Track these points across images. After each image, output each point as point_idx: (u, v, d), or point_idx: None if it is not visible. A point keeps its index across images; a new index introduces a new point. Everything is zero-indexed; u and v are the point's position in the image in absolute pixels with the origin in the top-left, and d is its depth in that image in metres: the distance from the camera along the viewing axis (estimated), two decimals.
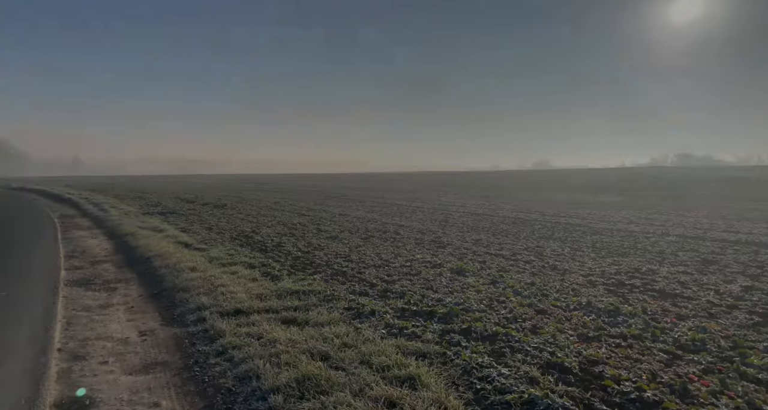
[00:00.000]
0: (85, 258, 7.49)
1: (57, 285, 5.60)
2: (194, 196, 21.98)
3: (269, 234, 10.08)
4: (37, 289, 5.36)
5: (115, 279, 6.11)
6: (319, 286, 5.33)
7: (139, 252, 7.67)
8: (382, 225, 12.30)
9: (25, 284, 5.57)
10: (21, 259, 7.10)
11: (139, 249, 7.96)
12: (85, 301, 5.05)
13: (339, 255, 7.63)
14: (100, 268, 6.76)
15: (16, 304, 4.75)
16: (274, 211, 15.88)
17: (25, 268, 6.44)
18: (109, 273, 6.44)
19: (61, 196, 21.32)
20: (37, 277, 5.94)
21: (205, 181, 56.50)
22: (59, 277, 6.01)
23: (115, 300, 5.12)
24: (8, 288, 5.36)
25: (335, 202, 21.71)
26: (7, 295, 5.05)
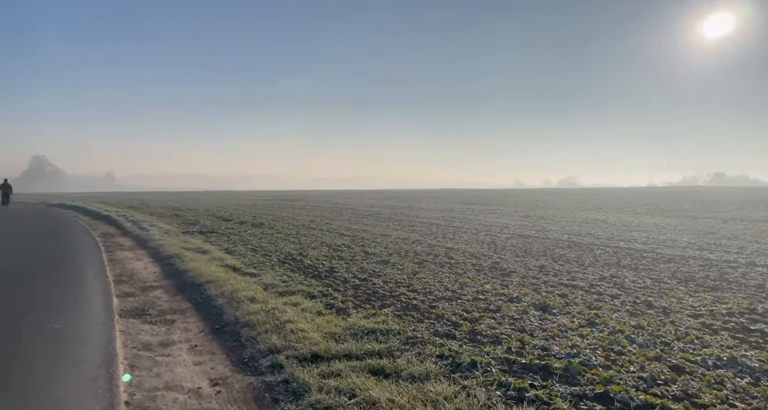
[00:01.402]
0: (134, 283, 7.16)
1: (111, 315, 5.22)
2: (229, 213, 21.88)
3: (317, 257, 9.62)
4: (91, 320, 4.98)
5: (170, 309, 5.70)
6: (394, 324, 4.78)
7: (190, 278, 7.30)
8: (430, 247, 11.72)
9: (79, 314, 5.20)
10: (70, 284, 6.80)
11: (188, 273, 7.60)
12: (143, 337, 4.62)
13: (400, 283, 7.08)
14: (152, 296, 6.38)
15: (72, 340, 4.35)
16: (312, 231, 15.50)
17: (76, 294, 6.11)
18: (163, 302, 6.04)
19: (99, 213, 21.54)
20: (89, 305, 5.58)
21: (234, 197, 57.08)
22: (112, 306, 5.64)
23: (175, 337, 4.68)
24: (61, 317, 5.00)
25: (371, 220, 21.24)
26: (61, 327, 4.67)
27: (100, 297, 6.04)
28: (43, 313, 5.17)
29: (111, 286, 6.74)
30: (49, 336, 4.39)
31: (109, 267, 8.20)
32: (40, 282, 6.84)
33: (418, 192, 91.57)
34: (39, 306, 5.50)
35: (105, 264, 8.44)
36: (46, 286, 6.52)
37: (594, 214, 24.71)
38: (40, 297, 5.89)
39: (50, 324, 4.72)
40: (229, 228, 15.38)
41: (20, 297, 5.93)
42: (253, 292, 6.12)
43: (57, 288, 6.46)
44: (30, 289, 6.36)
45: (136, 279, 7.43)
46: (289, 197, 56.22)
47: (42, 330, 4.57)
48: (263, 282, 6.93)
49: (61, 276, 7.32)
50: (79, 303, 5.71)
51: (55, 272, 7.60)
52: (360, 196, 65.76)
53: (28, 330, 4.56)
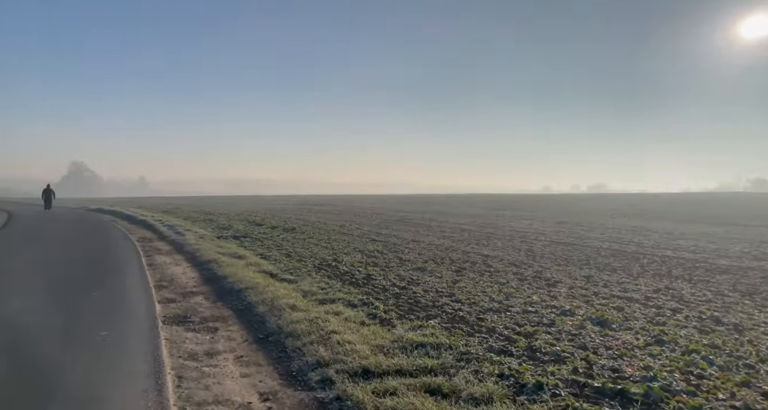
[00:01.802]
0: (174, 288, 7.16)
1: (155, 322, 5.18)
2: (260, 218, 22.07)
3: (352, 263, 9.47)
4: (137, 328, 4.94)
5: (212, 316, 5.63)
6: (444, 337, 4.54)
7: (228, 284, 7.25)
8: (465, 254, 11.42)
9: (124, 320, 5.18)
10: (114, 289, 6.85)
11: (226, 279, 7.56)
12: (188, 346, 4.54)
13: (441, 293, 6.83)
14: (192, 302, 6.34)
15: (120, 348, 4.30)
16: (343, 236, 15.41)
17: (120, 300, 6.13)
18: (204, 309, 5.98)
19: (135, 217, 22.07)
20: (133, 312, 5.57)
21: (262, 201, 57.88)
22: (155, 312, 5.61)
23: (220, 346, 4.57)
24: (107, 324, 4.98)
25: (400, 226, 21.03)
26: (108, 335, 4.63)
27: (142, 302, 6.03)
28: (90, 320, 5.17)
29: (152, 291, 6.74)
30: (98, 344, 4.36)
31: (149, 272, 8.25)
32: (85, 287, 6.91)
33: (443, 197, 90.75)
34: (86, 312, 5.52)
35: (145, 269, 8.52)
36: (92, 291, 6.58)
37: (633, 221, 23.78)
38: (87, 303, 5.93)
39: (98, 332, 4.69)
40: (262, 232, 15.45)
41: (68, 303, 5.98)
42: (294, 300, 6.00)
43: (102, 293, 6.50)
44: (77, 295, 6.42)
45: (176, 284, 7.43)
46: (315, 202, 56.60)
47: (91, 337, 4.54)
48: (302, 290, 6.81)
49: (105, 281, 7.40)
50: (123, 309, 5.70)
51: (99, 277, 7.69)
52: (385, 200, 65.65)
53: (77, 338, 4.54)
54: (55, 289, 6.65)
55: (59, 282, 7.20)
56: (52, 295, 6.28)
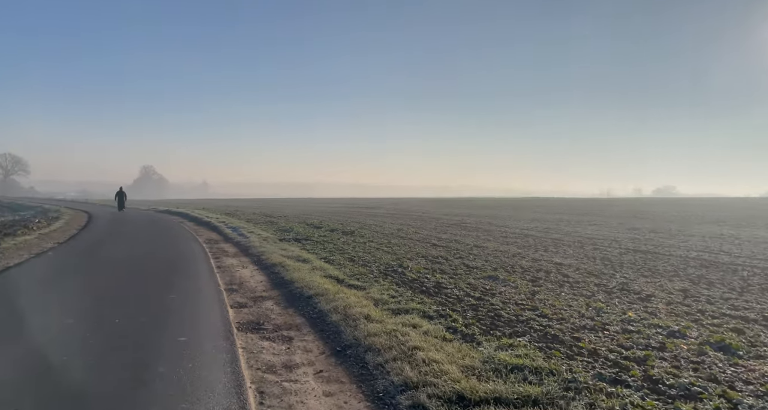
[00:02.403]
0: (245, 292, 7.12)
1: (230, 328, 5.07)
2: (318, 221, 22.26)
3: (418, 270, 9.10)
4: (213, 334, 4.84)
5: (285, 324, 5.46)
6: (541, 359, 4.06)
7: (297, 289, 7.11)
8: (536, 262, 10.72)
9: (200, 325, 5.12)
10: (188, 292, 6.90)
11: (294, 284, 7.44)
12: (265, 357, 4.35)
13: (522, 305, 6.30)
14: (264, 307, 6.23)
15: (198, 357, 4.18)
16: (402, 240, 15.08)
17: (194, 303, 6.13)
18: (276, 315, 5.84)
19: (201, 219, 22.98)
20: (208, 316, 5.51)
21: (316, 204, 58.94)
22: (229, 318, 5.52)
23: (297, 358, 4.35)
24: (185, 329, 4.93)
25: (457, 230, 20.42)
26: (186, 341, 4.55)
27: (216, 307, 5.99)
28: (167, 324, 5.15)
29: (224, 295, 6.72)
30: (178, 350, 4.27)
31: (219, 275, 8.32)
32: (161, 289, 7.02)
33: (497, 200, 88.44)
34: (164, 315, 5.52)
35: (215, 272, 8.61)
36: (167, 293, 6.65)
37: (717, 228, 21.68)
38: (165, 306, 5.96)
39: (176, 337, 4.63)
40: (322, 235, 15.46)
41: (147, 305, 6.05)
42: (366, 309, 5.71)
43: (176, 296, 6.55)
44: (154, 298, 6.50)
45: (245, 288, 7.40)
46: (367, 205, 56.86)
47: (170, 343, 4.47)
48: (372, 297, 6.53)
49: (179, 284, 7.50)
50: (198, 313, 5.67)
51: (174, 279, 7.83)
52: (437, 204, 64.83)
53: (157, 344, 4.49)
54: (134, 291, 6.79)
55: (137, 283, 7.38)
56: (131, 297, 6.40)
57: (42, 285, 7.03)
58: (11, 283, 7.15)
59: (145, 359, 4.03)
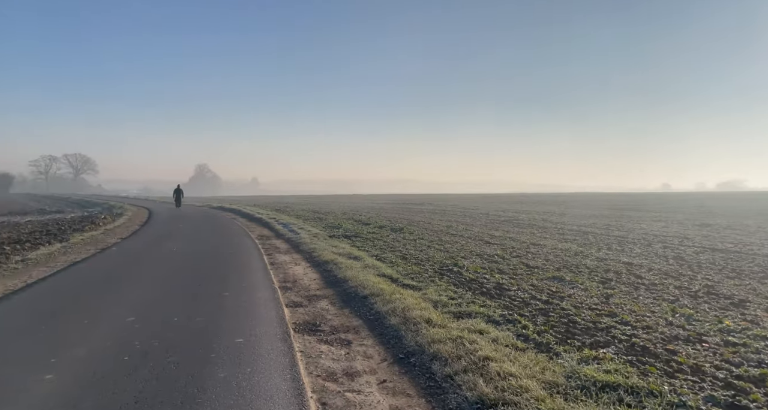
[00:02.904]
0: (299, 290, 6.96)
1: (286, 329, 4.87)
2: (366, 217, 22.13)
3: (475, 269, 8.63)
4: (270, 336, 4.66)
5: (342, 326, 5.21)
6: (634, 377, 3.55)
7: (351, 288, 6.88)
8: (601, 261, 9.93)
9: (256, 326, 4.96)
10: (243, 290, 6.83)
11: (348, 282, 7.21)
12: (324, 362, 4.10)
13: (597, 310, 5.72)
14: (319, 307, 6.03)
15: (256, 361, 3.99)
16: (454, 237, 14.59)
17: (250, 302, 6.02)
18: (332, 316, 5.61)
19: (252, 215, 23.47)
20: (264, 316, 5.36)
21: (362, 200, 59.21)
22: (285, 317, 5.34)
23: (358, 365, 4.07)
24: (241, 329, 4.78)
25: (510, 227, 19.61)
26: (243, 342, 4.39)
27: (271, 305, 5.84)
28: (225, 324, 5.03)
29: (278, 293, 6.59)
30: (235, 353, 4.11)
31: (272, 272, 8.25)
32: (216, 286, 7.00)
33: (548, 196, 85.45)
34: (221, 314, 5.43)
35: (268, 268, 8.55)
36: (222, 290, 6.61)
37: None
38: (221, 304, 5.89)
39: (234, 338, 4.48)
40: (371, 232, 15.25)
41: (204, 303, 6.00)
42: (426, 312, 5.36)
43: (233, 293, 6.49)
44: (211, 295, 6.47)
45: (299, 286, 7.26)
46: (412, 201, 56.42)
47: (227, 345, 4.33)
48: (430, 299, 6.17)
49: (234, 281, 7.47)
50: (253, 313, 5.53)
51: (229, 276, 7.82)
52: (484, 200, 63.29)
53: (215, 345, 4.36)
54: (190, 288, 6.81)
55: (193, 280, 7.41)
56: (188, 294, 6.39)
57: (104, 282, 7.20)
58: (76, 278, 7.38)
59: (203, 362, 3.89)
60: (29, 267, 8.23)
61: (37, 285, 6.59)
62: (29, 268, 8.09)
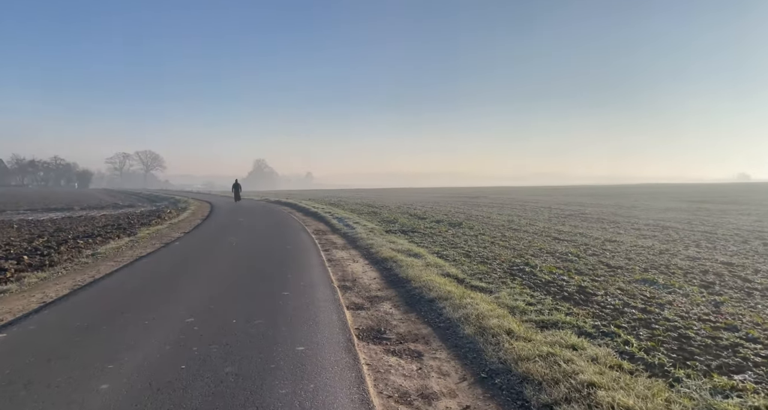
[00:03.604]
0: (359, 290, 6.54)
1: (350, 337, 4.44)
2: (422, 211, 21.53)
3: (549, 269, 7.83)
4: (332, 343, 4.25)
5: (410, 334, 4.70)
6: None
7: (415, 289, 6.35)
8: (693, 261, 8.76)
9: (317, 331, 4.57)
10: (302, 289, 6.51)
11: (411, 283, 6.70)
12: (395, 379, 3.61)
13: (710, 322, 4.82)
14: (382, 310, 5.55)
15: (320, 374, 3.57)
16: (517, 233, 13.67)
17: (309, 303, 5.66)
18: (397, 321, 5.12)
19: (308, 209, 23.58)
20: (324, 320, 4.96)
21: (415, 194, 58.57)
22: (347, 322, 4.91)
23: (433, 383, 3.54)
24: (302, 335, 4.40)
25: (578, 221, 18.26)
26: (304, 351, 3.99)
27: (331, 307, 5.45)
28: (283, 327, 4.68)
29: (338, 294, 6.20)
30: (296, 365, 3.71)
31: (330, 269, 7.90)
32: (274, 284, 6.73)
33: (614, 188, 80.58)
34: (279, 317, 5.10)
35: (326, 265, 8.22)
36: (280, 289, 6.32)
37: None
38: (280, 306, 5.58)
39: (294, 346, 4.10)
40: (428, 227, 14.65)
41: (260, 304, 5.72)
42: (505, 320, 4.72)
43: (290, 293, 6.18)
44: (267, 294, 6.20)
45: (359, 285, 6.84)
46: (467, 194, 55.00)
47: (287, 352, 3.95)
48: (505, 304, 5.51)
49: (291, 278, 7.19)
50: (313, 315, 5.16)
51: (285, 273, 7.57)
52: (544, 192, 60.54)
53: (275, 354, 3.99)
54: (248, 286, 6.58)
55: (251, 277, 7.21)
56: (246, 293, 6.15)
57: (165, 278, 7.15)
58: (139, 274, 7.39)
59: (263, 374, 3.52)
60: (98, 261, 8.42)
61: (103, 281, 6.62)
62: (98, 263, 8.27)
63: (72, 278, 6.94)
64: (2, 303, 5.44)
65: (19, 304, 5.39)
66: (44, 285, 6.43)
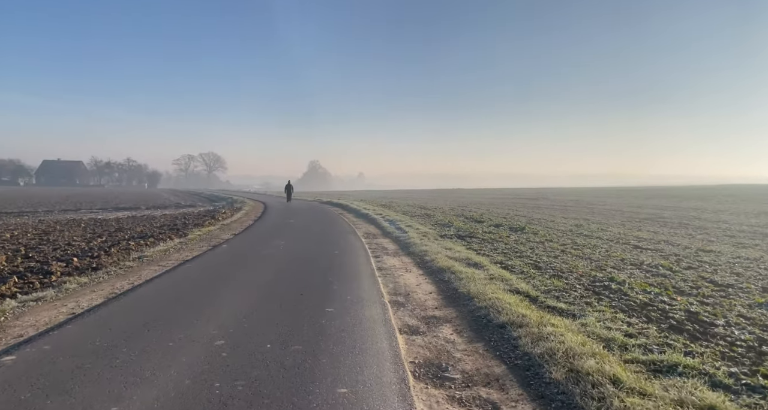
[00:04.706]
0: (413, 308, 5.66)
1: (403, 375, 3.58)
2: (478, 214, 20.27)
3: (639, 286, 6.55)
4: (382, 382, 3.42)
5: (479, 373, 3.75)
6: None
7: (480, 309, 5.38)
8: None
9: (365, 364, 3.75)
10: (348, 304, 5.74)
11: (474, 300, 5.72)
12: None
13: None
14: (441, 336, 4.64)
15: None
16: (589, 239, 12.20)
17: (354, 324, 4.87)
18: (461, 353, 4.18)
19: (359, 210, 23.02)
20: (372, 348, 4.15)
21: (469, 195, 56.77)
22: (400, 353, 4.05)
23: None
24: (346, 369, 3.60)
25: (656, 226, 16.29)
26: (347, 395, 3.17)
27: (381, 331, 4.62)
28: (324, 358, 3.90)
29: (389, 312, 5.35)
30: None
31: (380, 280, 7.09)
32: (318, 297, 6.02)
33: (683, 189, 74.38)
34: (320, 344, 4.34)
35: (376, 275, 7.42)
36: (324, 304, 5.59)
37: None
38: (321, 327, 4.83)
39: (335, 388, 3.29)
40: (487, 232, 13.48)
41: (300, 324, 5.00)
42: (604, 362, 3.65)
43: (335, 309, 5.42)
44: (309, 312, 5.48)
45: (413, 301, 5.96)
46: (525, 195, 52.47)
47: (327, 397, 3.15)
48: (596, 334, 4.42)
49: (337, 289, 6.46)
50: (361, 342, 4.35)
51: (331, 283, 6.85)
52: (609, 193, 56.55)
53: (312, 396, 3.21)
54: (292, 296, 5.90)
55: (294, 288, 6.55)
56: (287, 310, 5.46)
57: (203, 287, 6.65)
58: (179, 281, 6.96)
59: None
60: (142, 265, 8.13)
61: (140, 290, 6.20)
62: (142, 267, 7.97)
63: (111, 284, 6.60)
64: (31, 315, 5.09)
65: (46, 316, 5.00)
66: (81, 293, 6.10)
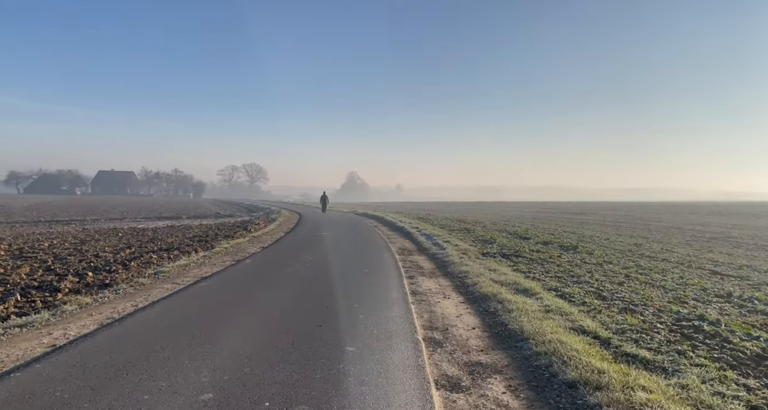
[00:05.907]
0: (452, 348, 4.62)
1: None
2: (523, 230, 18.81)
3: (740, 328, 5.21)
4: None
5: None
6: None
7: (537, 355, 4.27)
8: None
9: None
10: (373, 342, 4.77)
11: (529, 342, 4.61)
12: None
13: None
14: (491, 398, 3.58)
15: None
16: (654, 262, 10.67)
17: (381, 370, 3.91)
18: None
19: (394, 223, 22.07)
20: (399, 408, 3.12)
21: (510, 208, 54.66)
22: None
23: None
24: None
25: (728, 247, 14.37)
26: None
27: (412, 384, 3.61)
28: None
29: (423, 355, 4.34)
30: None
31: (414, 308, 6.08)
32: (341, 330, 5.09)
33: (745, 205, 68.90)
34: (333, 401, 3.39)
35: (409, 301, 6.41)
36: (347, 339, 4.66)
37: None
38: (338, 374, 3.89)
39: None
40: (534, 250, 12.16)
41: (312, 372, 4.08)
42: None
43: (358, 346, 4.47)
44: (325, 352, 4.56)
45: (453, 340, 4.90)
46: (570, 209, 49.86)
47: None
48: (704, 403, 3.23)
49: (363, 320, 5.51)
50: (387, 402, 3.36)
51: (357, 312, 5.91)
52: (662, 209, 52.87)
53: None
54: (308, 328, 5.01)
55: (315, 314, 5.65)
56: (301, 345, 4.57)
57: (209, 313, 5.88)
58: (186, 304, 6.23)
59: None
60: (156, 282, 7.50)
61: (141, 314, 5.48)
62: (154, 285, 7.33)
63: (113, 306, 5.93)
64: (4, 347, 4.37)
65: (21, 349, 4.30)
66: (77, 317, 5.45)
